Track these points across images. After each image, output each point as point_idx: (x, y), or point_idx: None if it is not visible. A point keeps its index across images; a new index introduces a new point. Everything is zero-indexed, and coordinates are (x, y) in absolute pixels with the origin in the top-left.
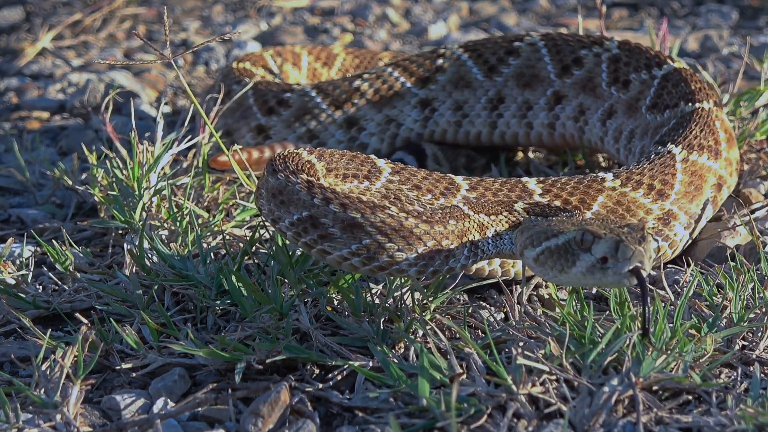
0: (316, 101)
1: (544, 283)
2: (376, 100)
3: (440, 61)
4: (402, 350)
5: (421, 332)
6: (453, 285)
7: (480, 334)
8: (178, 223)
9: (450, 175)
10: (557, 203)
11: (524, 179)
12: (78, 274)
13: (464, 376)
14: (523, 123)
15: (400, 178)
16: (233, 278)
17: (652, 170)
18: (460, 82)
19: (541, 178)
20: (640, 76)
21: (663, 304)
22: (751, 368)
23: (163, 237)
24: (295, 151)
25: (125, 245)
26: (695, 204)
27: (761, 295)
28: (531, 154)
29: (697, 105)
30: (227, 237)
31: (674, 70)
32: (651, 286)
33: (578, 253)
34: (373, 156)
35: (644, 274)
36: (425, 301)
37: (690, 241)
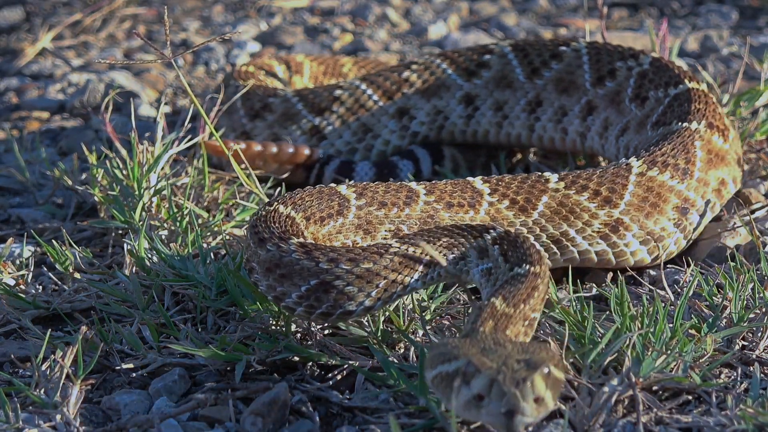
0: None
1: None
2: (423, 88)
3: (488, 56)
4: (402, 350)
5: (421, 332)
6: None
7: None
8: (178, 223)
9: (405, 183)
10: (505, 203)
11: (471, 179)
12: (78, 274)
13: None
14: (558, 128)
15: (366, 200)
16: (233, 278)
17: (601, 177)
18: (503, 82)
19: (487, 177)
20: (657, 93)
21: (663, 304)
22: (751, 368)
23: (163, 237)
24: (272, 208)
25: (125, 245)
26: (653, 221)
27: (761, 295)
28: (532, 156)
29: (685, 124)
30: (227, 237)
31: (687, 90)
32: (651, 286)
33: (461, 385)
34: (332, 184)
35: (519, 421)
36: (425, 302)
37: (651, 260)
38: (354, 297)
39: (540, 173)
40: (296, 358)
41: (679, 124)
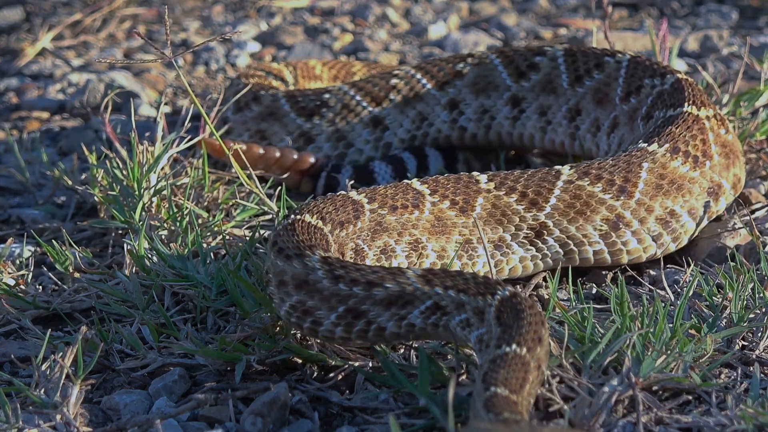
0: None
1: (543, 283)
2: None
3: (539, 58)
4: (402, 350)
5: None
6: None
7: None
8: (178, 223)
9: (405, 181)
10: (446, 203)
11: (407, 181)
12: (78, 274)
13: (464, 377)
14: (594, 141)
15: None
16: (233, 278)
17: (528, 180)
18: (548, 86)
19: (425, 178)
20: (658, 114)
21: (663, 304)
22: (751, 368)
23: (163, 237)
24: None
25: (125, 245)
26: (576, 228)
27: (761, 295)
28: (535, 159)
29: (640, 145)
30: (227, 237)
31: (682, 113)
32: (651, 286)
33: None
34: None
35: None
36: None
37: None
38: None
39: (471, 173)
40: (296, 358)
41: (641, 144)
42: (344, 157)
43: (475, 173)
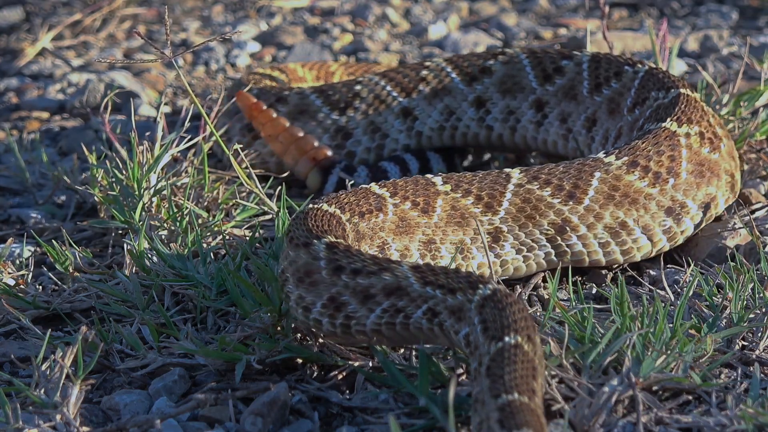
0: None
1: (543, 283)
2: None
3: (565, 62)
4: (402, 350)
5: None
6: None
7: None
8: (178, 223)
9: (364, 186)
10: (408, 204)
11: (367, 186)
12: (78, 274)
13: (464, 377)
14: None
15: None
16: (233, 278)
17: (482, 182)
18: (570, 92)
19: (382, 182)
20: (647, 126)
21: (663, 304)
22: (751, 368)
23: (163, 237)
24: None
25: (125, 245)
26: (526, 233)
27: (761, 295)
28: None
29: (597, 155)
30: (227, 237)
31: (659, 128)
32: (651, 286)
33: None
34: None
35: None
36: None
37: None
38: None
39: (426, 175)
40: (296, 359)
41: (596, 154)
42: (382, 149)
43: (429, 175)
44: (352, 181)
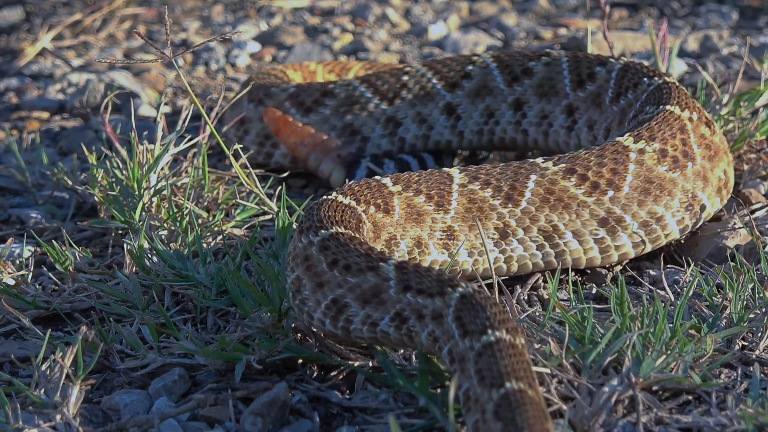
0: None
1: (543, 283)
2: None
3: (599, 68)
4: (402, 350)
5: None
6: None
7: None
8: (178, 223)
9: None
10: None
11: (331, 196)
12: (78, 274)
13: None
14: None
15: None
16: (233, 278)
17: (428, 182)
18: (597, 99)
19: (341, 189)
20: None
21: (663, 304)
22: (751, 368)
23: (163, 237)
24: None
25: (125, 245)
26: (475, 235)
27: (761, 295)
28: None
29: (539, 160)
30: (227, 237)
31: (613, 141)
32: (651, 286)
33: None
34: (376, 177)
35: None
36: None
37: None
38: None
39: (375, 177)
40: (296, 359)
41: (540, 160)
42: (427, 140)
43: (377, 177)
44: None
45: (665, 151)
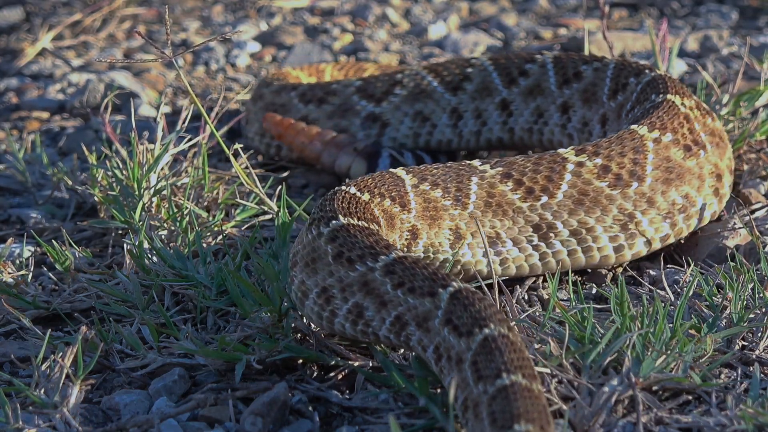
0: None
1: (543, 283)
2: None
3: (632, 79)
4: (402, 350)
5: None
6: None
7: None
8: (178, 223)
9: (469, 162)
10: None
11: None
12: (78, 274)
13: None
14: None
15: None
16: (233, 278)
17: (384, 185)
18: (619, 111)
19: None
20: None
21: (663, 304)
22: (751, 368)
23: (163, 237)
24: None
25: (125, 245)
26: (435, 232)
27: (761, 295)
28: None
29: (474, 162)
30: (227, 237)
31: (554, 153)
32: (651, 286)
33: None
34: (391, 170)
35: None
36: None
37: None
38: None
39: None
40: (296, 359)
41: (475, 161)
42: (479, 136)
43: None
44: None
45: (608, 167)
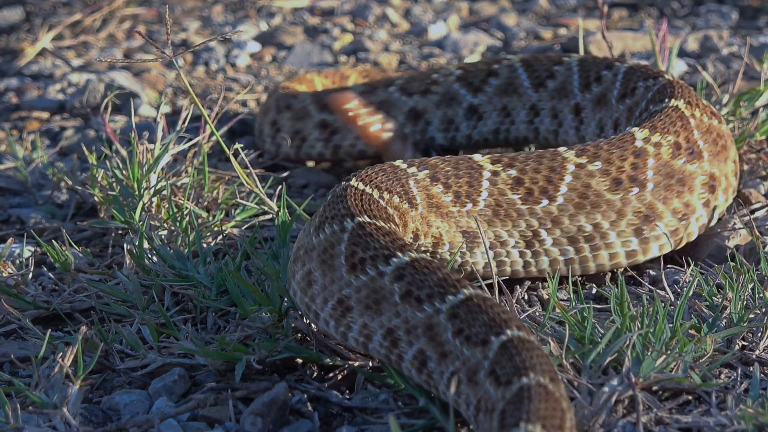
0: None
1: (543, 283)
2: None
3: (641, 83)
4: None
5: None
6: None
7: None
8: (178, 223)
9: (469, 156)
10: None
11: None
12: (78, 274)
13: None
14: None
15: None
16: (233, 278)
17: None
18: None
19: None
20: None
21: (663, 304)
22: (751, 368)
23: (163, 237)
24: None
25: (125, 245)
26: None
27: (761, 295)
28: None
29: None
30: (227, 237)
31: (469, 159)
32: (651, 286)
33: None
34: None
35: None
36: None
37: None
38: None
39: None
40: (296, 359)
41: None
42: (556, 136)
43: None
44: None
45: (520, 179)
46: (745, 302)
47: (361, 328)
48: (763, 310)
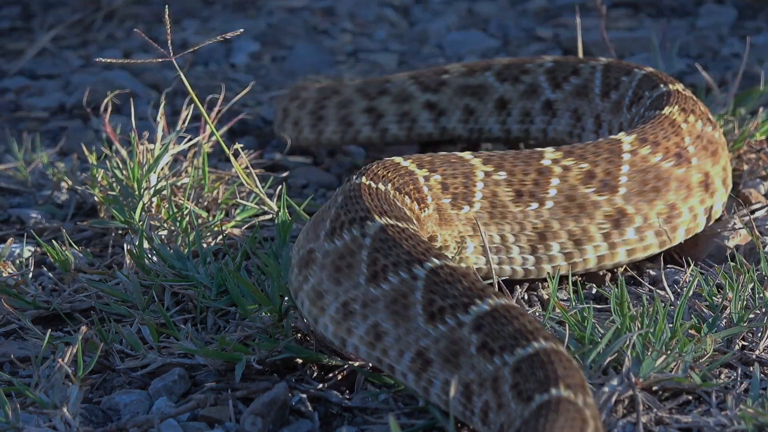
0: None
1: (543, 283)
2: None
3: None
4: None
5: None
6: None
7: None
8: (178, 223)
9: (464, 154)
10: None
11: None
12: (78, 274)
13: None
14: None
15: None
16: (233, 278)
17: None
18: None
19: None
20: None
21: (663, 304)
22: (751, 368)
23: (163, 237)
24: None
25: (125, 245)
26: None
27: (761, 295)
28: None
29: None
30: (227, 237)
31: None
32: (651, 286)
33: None
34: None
35: None
36: None
37: None
38: None
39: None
40: (296, 359)
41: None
42: (580, 138)
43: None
44: None
45: (512, 181)
46: (745, 302)
47: (368, 328)
48: (763, 310)
